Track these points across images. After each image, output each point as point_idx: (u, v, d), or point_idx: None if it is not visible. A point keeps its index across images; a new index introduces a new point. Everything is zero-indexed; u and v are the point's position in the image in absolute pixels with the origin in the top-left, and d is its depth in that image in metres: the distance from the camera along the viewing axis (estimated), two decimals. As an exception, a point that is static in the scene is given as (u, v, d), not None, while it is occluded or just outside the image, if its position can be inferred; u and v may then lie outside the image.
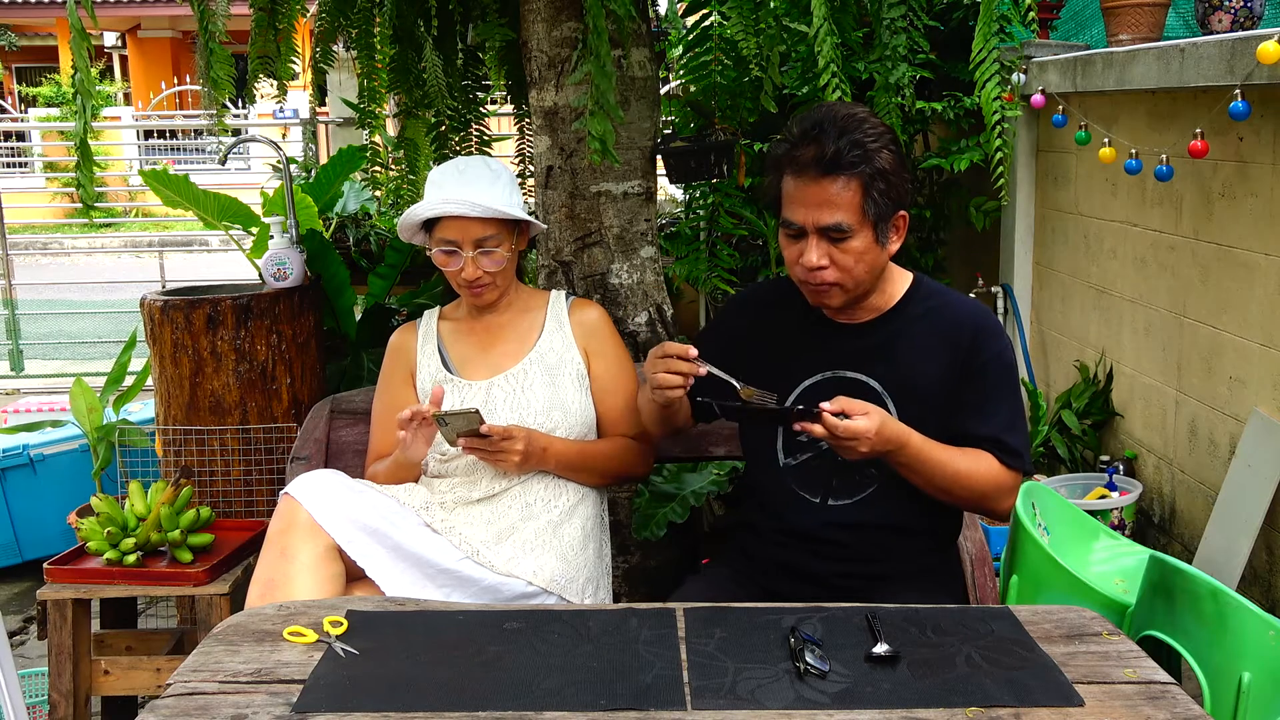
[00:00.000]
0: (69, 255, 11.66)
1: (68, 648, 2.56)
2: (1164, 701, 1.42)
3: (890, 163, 1.79)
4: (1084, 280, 3.78)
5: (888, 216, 1.81)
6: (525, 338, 2.25)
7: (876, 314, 1.92)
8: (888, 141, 1.80)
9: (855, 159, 1.76)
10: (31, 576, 3.84)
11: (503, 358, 2.23)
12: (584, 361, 2.24)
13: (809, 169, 1.78)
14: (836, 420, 1.74)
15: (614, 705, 1.41)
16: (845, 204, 1.78)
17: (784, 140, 1.84)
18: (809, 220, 1.80)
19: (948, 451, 1.84)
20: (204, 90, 3.27)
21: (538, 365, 2.20)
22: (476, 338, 2.26)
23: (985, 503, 1.90)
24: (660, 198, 4.40)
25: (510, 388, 2.19)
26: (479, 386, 2.19)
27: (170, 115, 14.58)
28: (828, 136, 1.77)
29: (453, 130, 3.44)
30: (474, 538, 2.04)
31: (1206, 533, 2.89)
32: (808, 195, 1.79)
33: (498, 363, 2.23)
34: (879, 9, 2.64)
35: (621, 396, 2.24)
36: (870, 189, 1.77)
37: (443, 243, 2.13)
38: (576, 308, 2.30)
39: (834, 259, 1.80)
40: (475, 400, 2.16)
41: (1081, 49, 3.73)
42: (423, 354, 2.26)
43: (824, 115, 1.82)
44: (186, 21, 11.84)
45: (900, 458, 1.81)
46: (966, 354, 1.87)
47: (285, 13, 3.24)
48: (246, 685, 1.46)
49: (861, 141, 1.77)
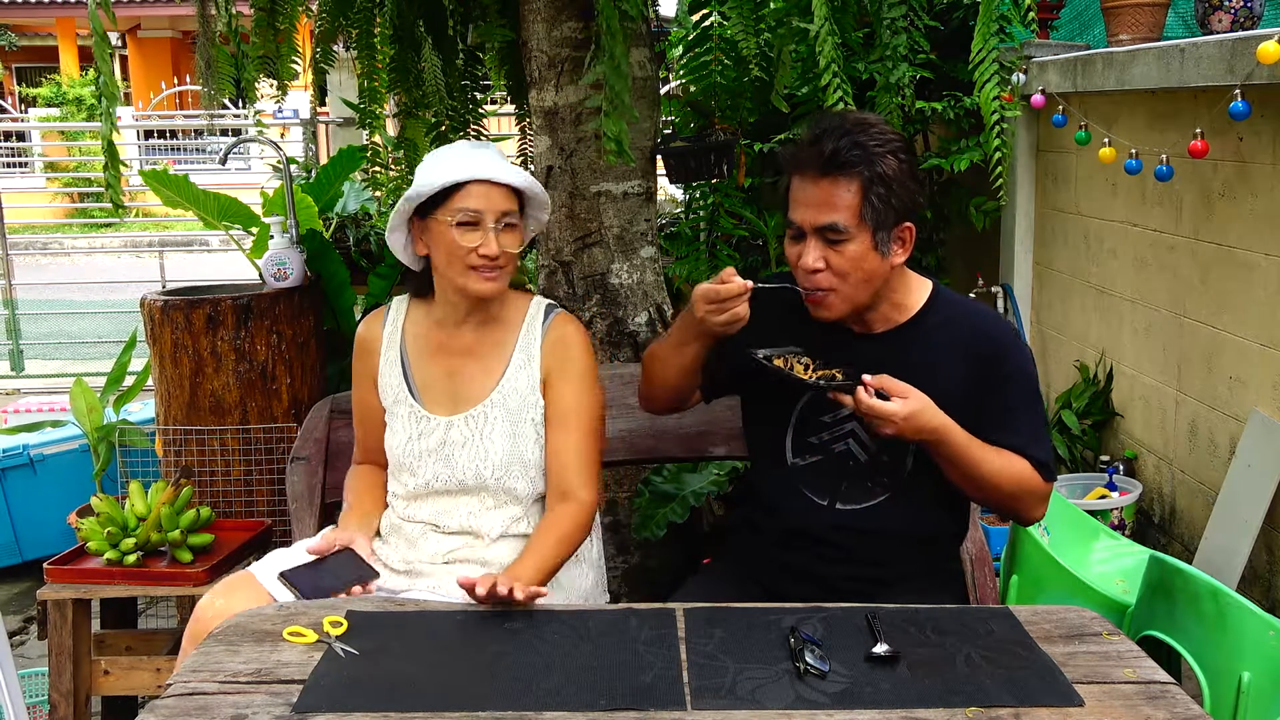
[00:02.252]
0: (69, 255, 11.66)
1: (68, 648, 2.56)
2: (1164, 701, 1.42)
3: (894, 169, 1.78)
4: (1084, 280, 3.78)
5: (889, 225, 1.80)
6: (491, 368, 2.03)
7: (894, 324, 1.91)
8: (895, 148, 1.80)
9: (854, 158, 1.76)
10: (31, 576, 3.84)
11: (466, 387, 2.03)
12: (542, 392, 2.03)
13: (811, 168, 1.79)
14: (865, 396, 1.75)
15: (614, 705, 1.41)
16: (843, 205, 1.78)
17: (792, 143, 1.85)
18: (808, 220, 1.80)
19: (987, 451, 1.83)
20: (204, 90, 3.28)
21: (500, 408, 2.01)
22: (442, 357, 2.05)
23: (1016, 505, 1.89)
24: (660, 198, 4.39)
25: (470, 431, 2.01)
26: (438, 423, 2.02)
27: (170, 115, 14.59)
28: (830, 137, 1.78)
29: (452, 130, 3.44)
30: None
31: (1206, 533, 2.89)
32: (808, 195, 1.80)
33: (461, 394, 2.03)
34: (879, 9, 2.63)
35: (574, 435, 2.00)
36: (869, 192, 1.77)
37: (464, 213, 1.91)
38: (555, 327, 2.06)
39: (830, 262, 1.80)
40: (433, 438, 2.01)
41: (1081, 49, 3.73)
42: (385, 361, 2.08)
43: (834, 118, 1.84)
44: (186, 21, 11.84)
45: (940, 450, 1.81)
46: (988, 366, 1.87)
47: (285, 13, 3.24)
48: (246, 685, 1.46)
49: (864, 144, 1.77)
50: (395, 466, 2.07)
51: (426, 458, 2.01)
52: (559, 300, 3.00)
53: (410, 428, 2.03)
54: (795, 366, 1.82)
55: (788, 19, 2.87)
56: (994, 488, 1.84)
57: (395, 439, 2.04)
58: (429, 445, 2.01)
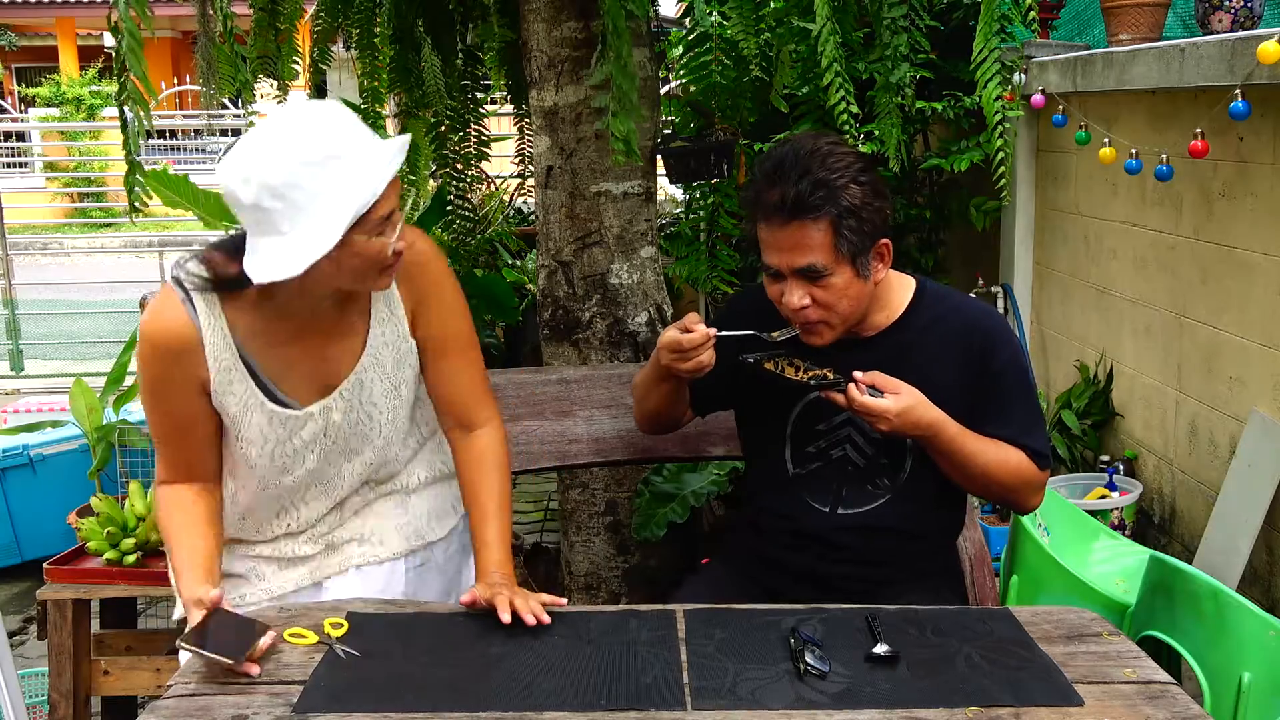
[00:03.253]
0: (69, 255, 11.65)
1: (68, 648, 2.56)
2: (1164, 701, 1.42)
3: (860, 197, 1.75)
4: (1084, 280, 3.78)
5: (865, 250, 1.78)
6: (350, 335, 1.77)
7: (882, 327, 1.91)
8: (855, 174, 1.76)
9: (819, 201, 1.73)
10: (31, 576, 3.84)
11: (329, 365, 1.76)
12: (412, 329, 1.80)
13: (776, 214, 1.76)
14: (857, 394, 1.74)
15: (614, 705, 1.41)
16: (817, 245, 1.75)
17: (751, 184, 1.82)
18: (784, 264, 1.78)
19: (982, 442, 1.83)
20: (204, 90, 3.28)
21: (374, 372, 1.78)
22: (293, 347, 1.74)
23: (1014, 496, 1.90)
24: (660, 198, 4.39)
25: (347, 408, 1.77)
26: (308, 414, 1.75)
27: (170, 115, 14.59)
28: (788, 179, 1.74)
29: (452, 130, 3.44)
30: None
31: (1206, 533, 2.89)
32: (779, 240, 1.77)
33: (324, 373, 1.76)
34: (880, 8, 2.63)
35: (462, 359, 1.83)
36: (840, 228, 1.74)
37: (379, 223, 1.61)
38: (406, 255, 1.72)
39: (815, 297, 1.79)
40: (306, 431, 1.75)
41: (1082, 49, 3.73)
42: (217, 367, 1.69)
43: (785, 154, 1.78)
44: (186, 21, 11.84)
45: (935, 444, 1.81)
46: (979, 359, 1.87)
47: (285, 13, 3.25)
48: (246, 685, 1.46)
49: (825, 180, 1.73)
50: (262, 475, 1.78)
51: (304, 453, 1.77)
52: (558, 300, 3.00)
53: (276, 431, 1.74)
54: (786, 369, 1.82)
55: (787, 19, 2.88)
56: (990, 479, 1.85)
57: (257, 449, 1.75)
58: (304, 440, 1.76)
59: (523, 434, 2.32)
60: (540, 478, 4.59)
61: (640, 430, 2.18)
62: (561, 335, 3.00)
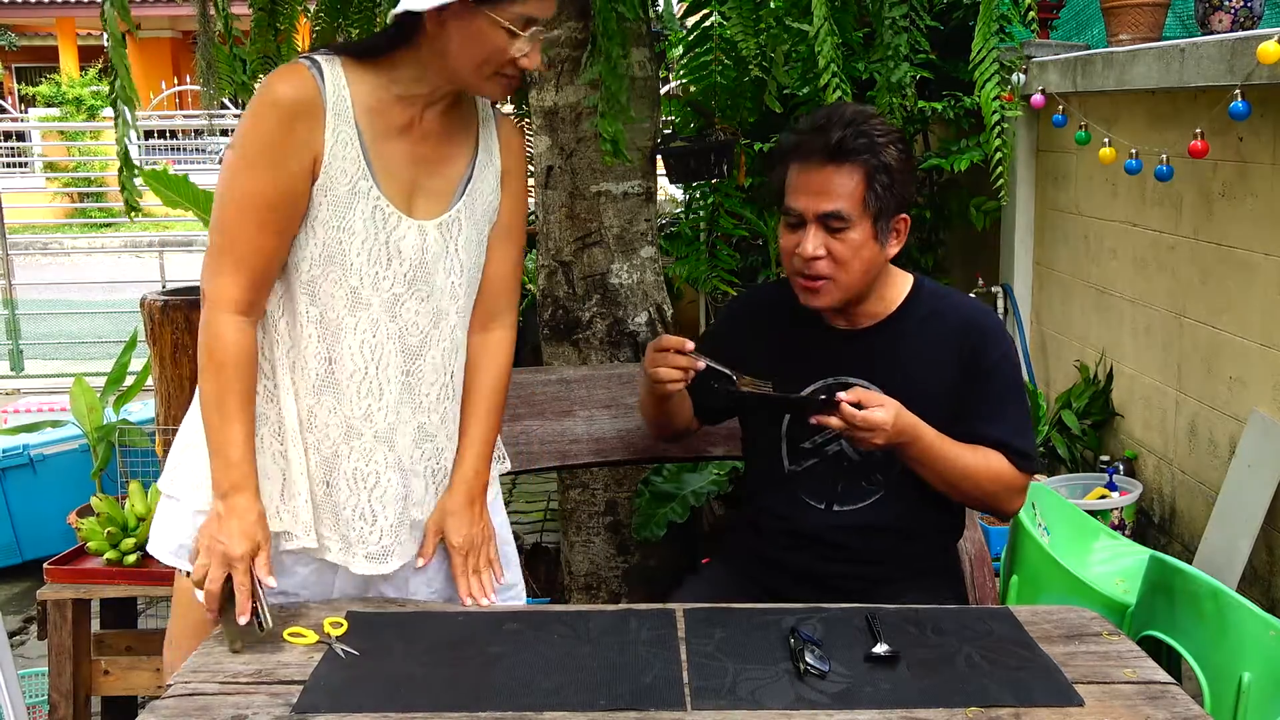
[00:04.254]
0: (69, 255, 11.66)
1: (68, 648, 2.56)
2: (1164, 701, 1.42)
3: (896, 159, 1.80)
4: (1084, 280, 3.78)
5: (889, 214, 1.81)
6: (453, 163, 1.70)
7: (878, 319, 1.92)
8: (895, 139, 1.82)
9: (860, 146, 1.78)
10: (31, 576, 3.84)
11: (433, 188, 1.68)
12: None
13: (814, 156, 1.80)
14: (854, 410, 1.74)
15: (614, 705, 1.41)
16: (847, 193, 1.78)
17: (792, 132, 1.86)
18: (809, 207, 1.80)
19: (958, 448, 1.84)
20: (204, 90, 3.28)
21: (467, 213, 1.70)
22: (406, 142, 1.65)
23: (994, 502, 1.90)
24: (660, 198, 4.40)
25: (442, 240, 1.68)
26: (408, 222, 1.64)
27: (170, 115, 14.59)
28: (833, 126, 1.79)
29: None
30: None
31: (1206, 533, 2.89)
32: (811, 182, 1.80)
33: (429, 194, 1.68)
34: (880, 8, 2.63)
35: (515, 250, 1.82)
36: (874, 181, 1.78)
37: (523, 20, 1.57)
38: (504, 122, 1.77)
39: (831, 250, 1.80)
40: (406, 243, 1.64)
41: (1081, 49, 3.73)
42: (335, 140, 1.59)
43: (834, 109, 1.86)
44: (186, 21, 11.84)
45: (912, 451, 1.81)
46: (970, 357, 1.87)
47: (286, 13, 3.24)
48: (246, 686, 1.46)
49: (868, 132, 1.79)
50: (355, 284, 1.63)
51: (398, 267, 1.65)
52: (558, 300, 3.00)
53: (378, 226, 1.62)
54: (765, 389, 1.83)
55: (785, 19, 2.87)
56: (969, 483, 1.85)
57: (359, 240, 1.61)
58: (400, 250, 1.64)
59: (523, 434, 2.32)
60: (540, 478, 4.59)
61: (656, 439, 2.22)
62: (561, 335, 3.00)
